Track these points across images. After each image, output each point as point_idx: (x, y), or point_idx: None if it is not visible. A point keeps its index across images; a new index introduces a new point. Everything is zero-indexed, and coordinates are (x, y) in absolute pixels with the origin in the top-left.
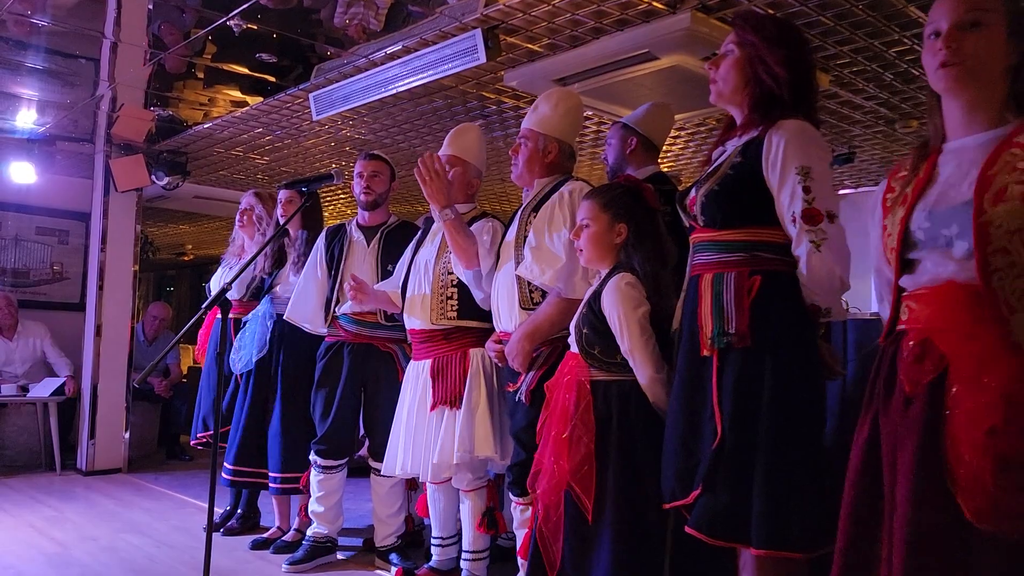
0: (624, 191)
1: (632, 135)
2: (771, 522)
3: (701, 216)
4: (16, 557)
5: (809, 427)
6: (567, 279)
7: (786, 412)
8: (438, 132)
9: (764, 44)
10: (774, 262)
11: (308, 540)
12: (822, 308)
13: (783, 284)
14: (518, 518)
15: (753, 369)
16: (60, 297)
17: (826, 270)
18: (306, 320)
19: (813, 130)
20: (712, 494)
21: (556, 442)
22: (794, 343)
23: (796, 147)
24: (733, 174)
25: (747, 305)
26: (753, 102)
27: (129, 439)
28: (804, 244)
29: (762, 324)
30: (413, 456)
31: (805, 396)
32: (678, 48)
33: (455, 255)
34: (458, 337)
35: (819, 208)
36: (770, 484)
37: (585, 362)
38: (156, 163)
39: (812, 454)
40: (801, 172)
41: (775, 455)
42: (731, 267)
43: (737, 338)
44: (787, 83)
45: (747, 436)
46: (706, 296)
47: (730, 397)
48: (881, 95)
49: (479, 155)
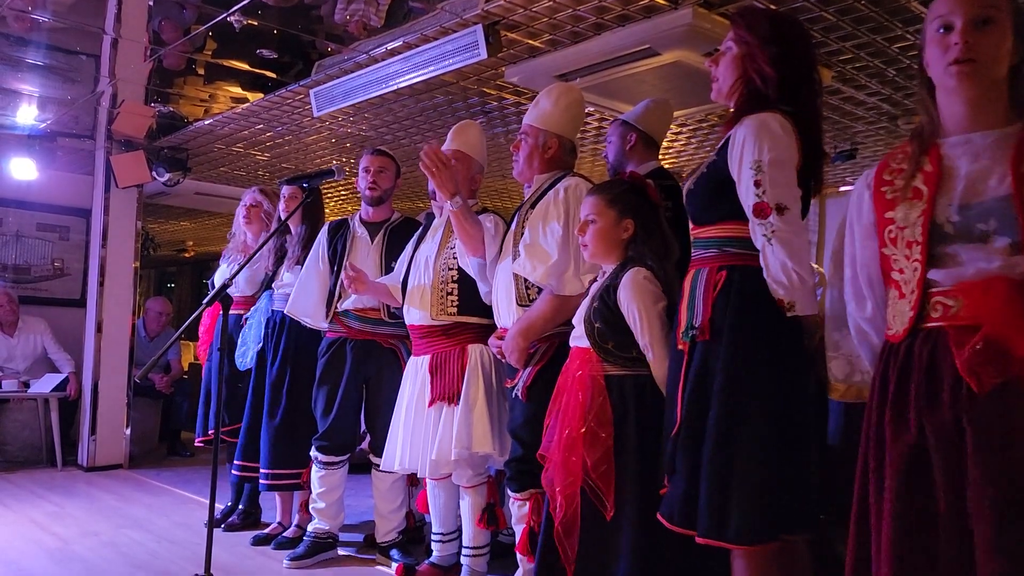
0: (629, 187)
1: (632, 131)
2: (710, 511)
3: (689, 214)
4: (18, 552)
5: (757, 417)
6: (558, 276)
7: (731, 401)
8: (439, 128)
9: (757, 42)
10: (743, 257)
11: (309, 536)
12: (786, 302)
13: (747, 278)
14: (516, 514)
15: (708, 360)
16: (61, 293)
17: (778, 263)
18: (307, 315)
19: (776, 122)
20: (673, 480)
21: (570, 438)
22: (746, 335)
23: (752, 141)
24: (707, 172)
25: (711, 300)
26: (739, 99)
27: (130, 435)
28: (758, 238)
29: (721, 317)
30: (411, 452)
31: (754, 386)
32: (680, 44)
33: (462, 243)
34: (457, 333)
35: (767, 201)
36: (711, 472)
37: (598, 356)
38: (157, 159)
39: (761, 444)
40: (754, 166)
41: (716, 444)
42: (705, 263)
43: (699, 331)
44: (774, 81)
45: (698, 424)
46: (685, 292)
47: (689, 387)
48: (884, 91)
49: (481, 151)
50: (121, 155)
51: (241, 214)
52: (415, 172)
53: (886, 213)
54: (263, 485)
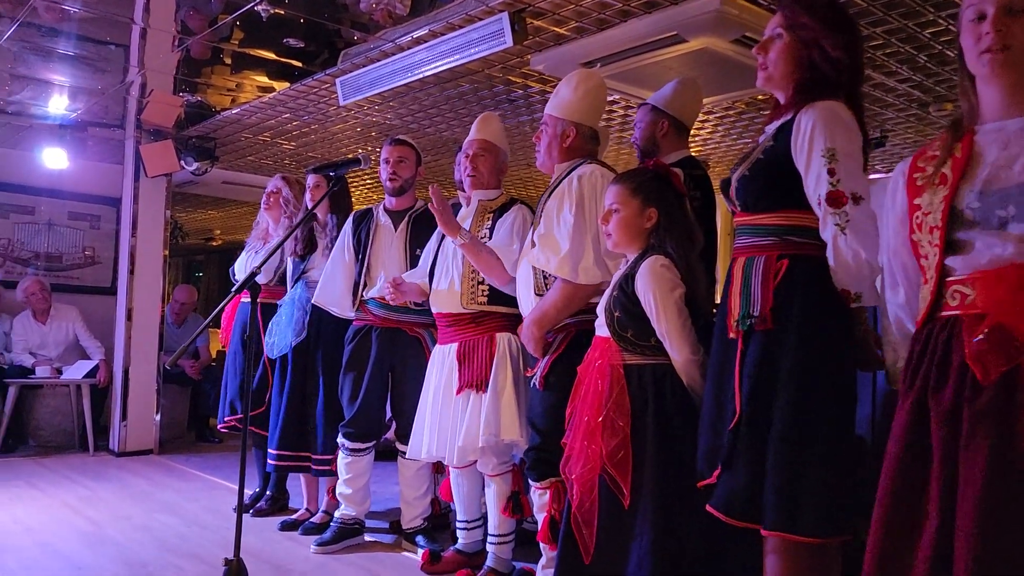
0: (653, 175)
1: (663, 118)
2: (781, 503)
3: (737, 200)
4: (52, 535)
5: (827, 409)
6: (573, 266)
7: (801, 393)
8: (464, 116)
9: (821, 28)
10: (804, 246)
11: (336, 522)
12: (852, 293)
13: (811, 268)
14: (538, 502)
15: (772, 350)
16: (92, 281)
17: (851, 253)
18: (334, 304)
19: (844, 111)
20: (730, 473)
21: (588, 427)
22: (816, 326)
23: (823, 128)
24: (764, 158)
25: (772, 288)
26: (799, 85)
27: (160, 421)
28: (829, 227)
29: (785, 307)
30: (439, 440)
31: (824, 379)
32: (707, 31)
33: (485, 276)
34: (486, 321)
35: (843, 190)
36: (781, 464)
37: (617, 345)
38: (185, 149)
39: (829, 437)
40: (827, 154)
41: (787, 435)
42: (762, 251)
43: (759, 320)
44: (844, 67)
45: (763, 416)
46: (737, 279)
47: (749, 377)
48: (915, 77)
49: (505, 141)
50: (150, 144)
51: (263, 201)
52: (440, 160)
53: (915, 199)
54: (316, 471)
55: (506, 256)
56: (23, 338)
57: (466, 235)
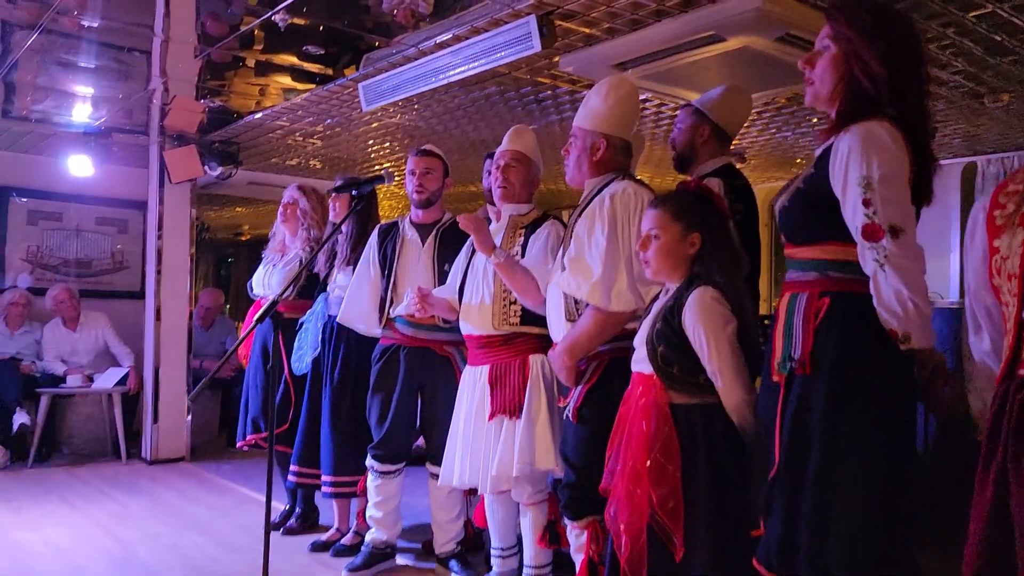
0: (695, 198)
1: (705, 124)
2: (810, 559)
3: (782, 232)
4: (82, 557)
5: (861, 463)
6: (605, 292)
7: (832, 444)
8: (491, 118)
9: (860, 38)
10: (848, 282)
11: (367, 546)
12: (899, 334)
13: (855, 306)
14: (575, 542)
15: (809, 397)
16: (122, 286)
17: (892, 291)
18: (360, 321)
19: (885, 132)
20: (770, 524)
21: (634, 471)
22: (855, 370)
23: (859, 153)
24: (804, 187)
25: (812, 329)
26: (843, 104)
27: (191, 426)
28: (868, 263)
29: (823, 349)
30: (471, 467)
31: (859, 430)
32: (747, 30)
33: (519, 296)
34: (518, 342)
35: (879, 223)
36: (812, 518)
37: (662, 383)
38: (209, 153)
39: (863, 490)
40: (862, 183)
41: (817, 488)
42: (804, 287)
43: (799, 364)
44: (883, 81)
45: (799, 466)
46: (781, 318)
47: (788, 425)
48: (970, 69)
49: (538, 154)
50: (173, 150)
51: (279, 212)
52: (466, 160)
53: (994, 240)
54: (326, 493)
55: (541, 276)
56: (54, 346)
57: (501, 254)
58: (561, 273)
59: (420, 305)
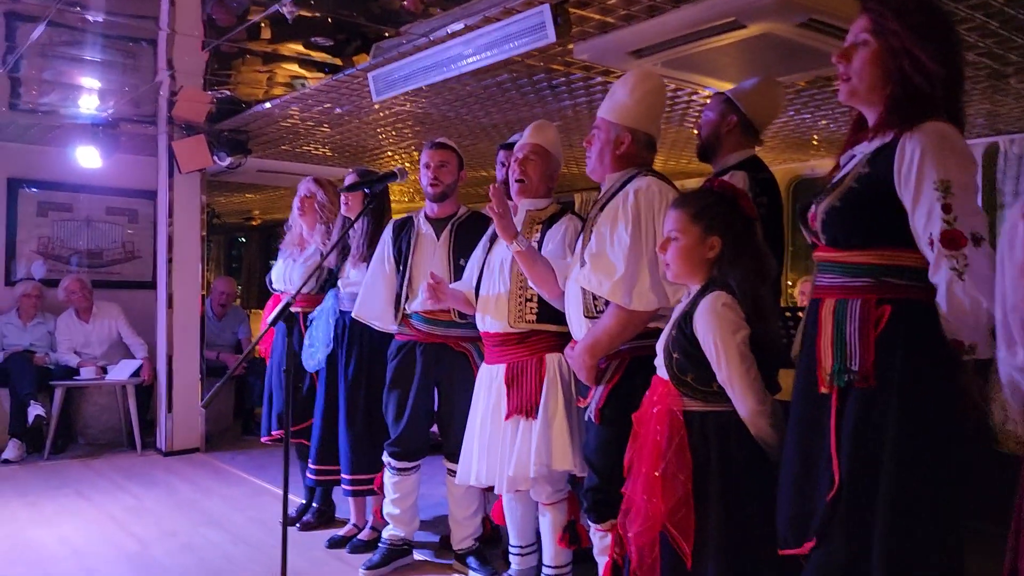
0: (717, 199)
1: (733, 112)
2: None
3: (823, 234)
4: (98, 558)
5: (939, 481)
6: (627, 290)
7: (913, 464)
8: (503, 104)
9: (912, 35)
10: (908, 289)
11: (384, 543)
12: (965, 344)
13: (917, 315)
14: (598, 545)
15: (876, 412)
16: (133, 276)
17: (970, 301)
18: (375, 318)
19: (956, 135)
20: (827, 548)
21: (648, 479)
22: (927, 384)
23: (935, 157)
24: (858, 187)
25: (873, 339)
26: (892, 102)
27: (205, 415)
28: (943, 271)
29: (889, 361)
30: (488, 467)
31: (936, 443)
32: (769, 15)
33: (536, 287)
34: (535, 341)
35: (961, 230)
36: (890, 544)
37: (677, 390)
38: (218, 142)
39: (941, 512)
40: (940, 187)
41: (897, 512)
42: (856, 293)
43: (860, 376)
44: (942, 81)
45: (867, 488)
46: (827, 326)
47: (849, 442)
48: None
49: (559, 150)
50: (182, 140)
51: (296, 206)
52: (478, 145)
53: None
54: (346, 491)
55: (560, 269)
56: (67, 337)
57: (523, 242)
58: (581, 269)
59: (432, 292)
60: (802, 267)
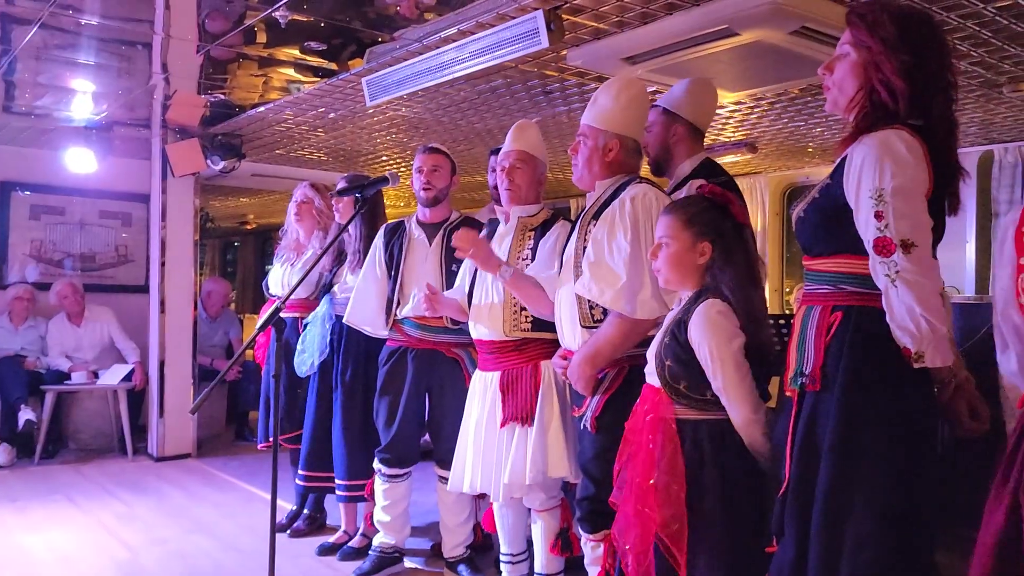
0: (708, 205)
1: (676, 123)
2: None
3: (799, 242)
4: (87, 565)
5: (874, 484)
6: (630, 299)
7: (842, 464)
8: (497, 109)
9: (881, 48)
10: (860, 296)
11: (375, 551)
12: (912, 352)
13: (868, 322)
14: (590, 555)
15: (821, 414)
16: (126, 280)
17: (903, 308)
18: (366, 323)
19: (901, 142)
20: (781, 545)
21: (640, 489)
22: (864, 388)
23: (872, 165)
24: (819, 198)
25: (823, 345)
26: (860, 114)
27: (198, 419)
28: (880, 278)
29: (834, 365)
30: (482, 474)
31: (871, 449)
32: (762, 23)
33: (529, 308)
34: (529, 348)
35: (890, 236)
36: (820, 542)
37: (669, 398)
38: (212, 146)
39: (875, 514)
40: (875, 195)
41: (825, 511)
42: (819, 300)
43: (809, 380)
44: (904, 94)
45: (808, 486)
46: (795, 331)
47: (798, 442)
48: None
49: (543, 151)
50: (176, 144)
51: (292, 211)
52: (473, 150)
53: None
54: (340, 496)
55: (550, 286)
56: (59, 341)
57: (507, 271)
58: (579, 278)
59: (428, 302)
60: (798, 275)
